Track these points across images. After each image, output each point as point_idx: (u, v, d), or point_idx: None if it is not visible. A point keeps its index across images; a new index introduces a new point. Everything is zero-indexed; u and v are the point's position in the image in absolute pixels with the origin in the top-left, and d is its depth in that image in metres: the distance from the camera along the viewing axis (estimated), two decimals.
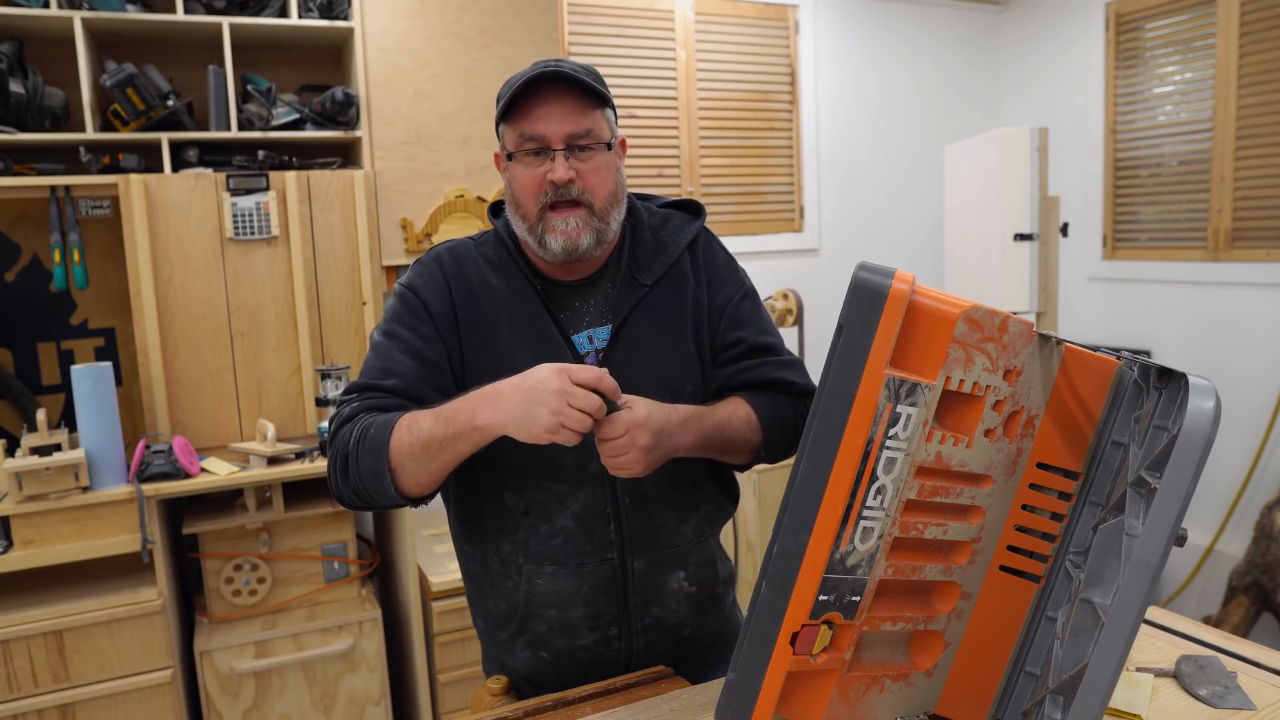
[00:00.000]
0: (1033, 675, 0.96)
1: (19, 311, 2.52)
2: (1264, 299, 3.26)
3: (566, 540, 1.22)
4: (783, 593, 0.86)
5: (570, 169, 1.16)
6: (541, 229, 1.18)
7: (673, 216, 1.33)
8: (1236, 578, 3.14)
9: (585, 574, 1.22)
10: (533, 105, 1.16)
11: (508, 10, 2.72)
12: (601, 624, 1.24)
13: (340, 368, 2.40)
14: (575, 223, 1.17)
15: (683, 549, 1.27)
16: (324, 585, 2.43)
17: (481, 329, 1.22)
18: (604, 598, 1.23)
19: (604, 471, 1.18)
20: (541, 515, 1.22)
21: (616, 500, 1.22)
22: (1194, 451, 0.74)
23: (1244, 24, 3.26)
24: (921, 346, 0.84)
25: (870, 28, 3.93)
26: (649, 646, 1.27)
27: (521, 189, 1.19)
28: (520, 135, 1.17)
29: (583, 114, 1.17)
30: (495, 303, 1.23)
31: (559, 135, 1.16)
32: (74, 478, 2.07)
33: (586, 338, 1.24)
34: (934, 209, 4.03)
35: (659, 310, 1.25)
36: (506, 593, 1.26)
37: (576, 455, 1.20)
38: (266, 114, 2.51)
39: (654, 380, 1.22)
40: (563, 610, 1.23)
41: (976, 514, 0.92)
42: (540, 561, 1.22)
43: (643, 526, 1.23)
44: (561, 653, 1.26)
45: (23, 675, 2.07)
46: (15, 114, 2.26)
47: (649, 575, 1.25)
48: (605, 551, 1.22)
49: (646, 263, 1.27)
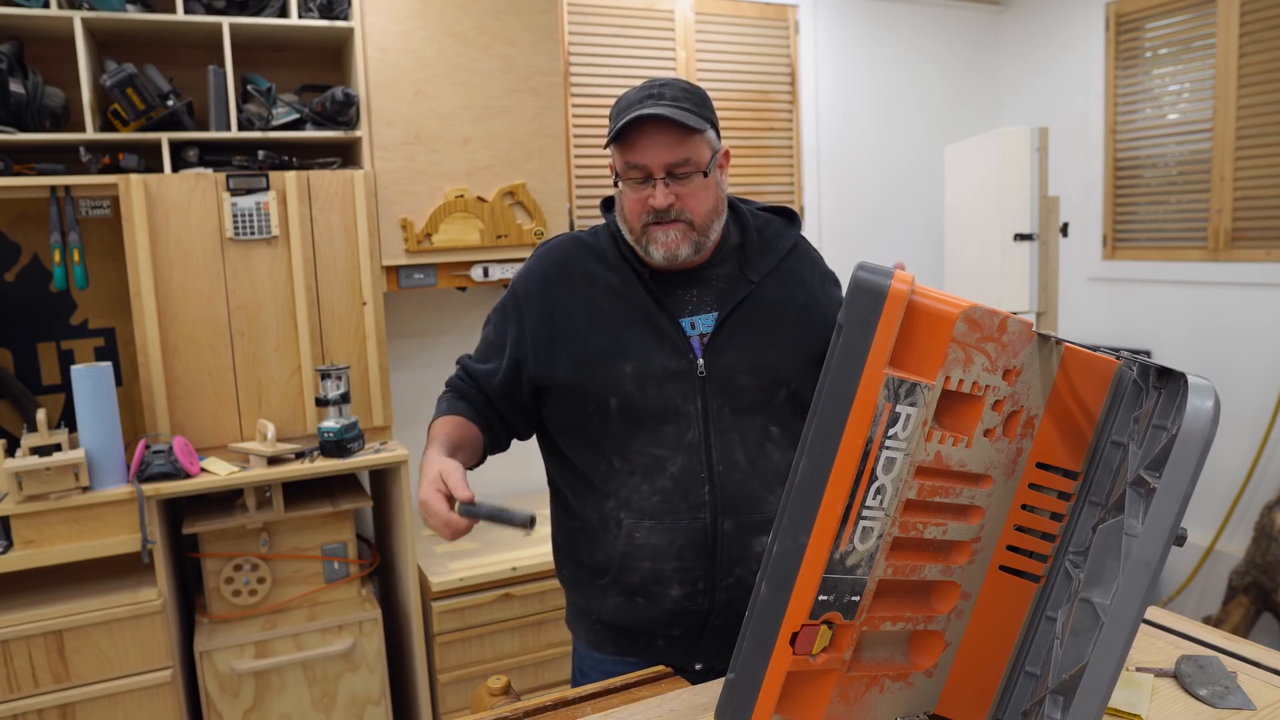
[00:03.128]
0: (1033, 675, 0.96)
1: (19, 311, 2.52)
2: (1264, 299, 3.26)
3: (664, 499, 1.33)
4: (783, 593, 0.86)
5: (670, 195, 1.27)
6: (645, 241, 1.31)
7: (772, 221, 1.46)
8: (1236, 578, 3.14)
9: (680, 530, 1.33)
10: (636, 136, 1.26)
11: (508, 10, 2.72)
12: (690, 578, 1.34)
13: (340, 368, 2.40)
14: (675, 235, 1.30)
15: (768, 515, 1.35)
16: (324, 585, 2.43)
17: (585, 317, 1.35)
18: (695, 554, 1.33)
19: (701, 440, 1.33)
20: (644, 475, 1.33)
21: (711, 466, 1.33)
22: (1193, 451, 0.74)
23: (1244, 24, 3.26)
24: (921, 346, 0.84)
25: (870, 28, 3.93)
26: (729, 605, 1.36)
27: (627, 208, 1.32)
28: (626, 163, 1.28)
29: (680, 145, 1.26)
30: (602, 292, 1.36)
31: (659, 165, 1.26)
32: (74, 478, 2.07)
33: (690, 323, 1.35)
34: (934, 209, 4.03)
35: (763, 305, 1.38)
36: (606, 545, 1.37)
37: (676, 425, 1.33)
38: (266, 114, 2.51)
39: (752, 365, 1.35)
40: (656, 562, 1.34)
41: (976, 514, 0.92)
42: (640, 516, 1.33)
43: (734, 492, 1.33)
44: (653, 599, 1.36)
45: (23, 675, 2.07)
46: (15, 114, 2.26)
47: (736, 536, 1.34)
48: (699, 511, 1.33)
49: (755, 261, 1.40)
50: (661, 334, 1.34)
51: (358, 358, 2.52)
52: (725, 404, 1.34)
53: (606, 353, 1.33)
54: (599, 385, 1.33)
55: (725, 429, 1.34)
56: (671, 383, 1.33)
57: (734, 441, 1.34)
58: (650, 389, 1.33)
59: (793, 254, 1.44)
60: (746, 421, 1.35)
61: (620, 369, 1.32)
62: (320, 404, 2.40)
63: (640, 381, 1.33)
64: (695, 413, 1.33)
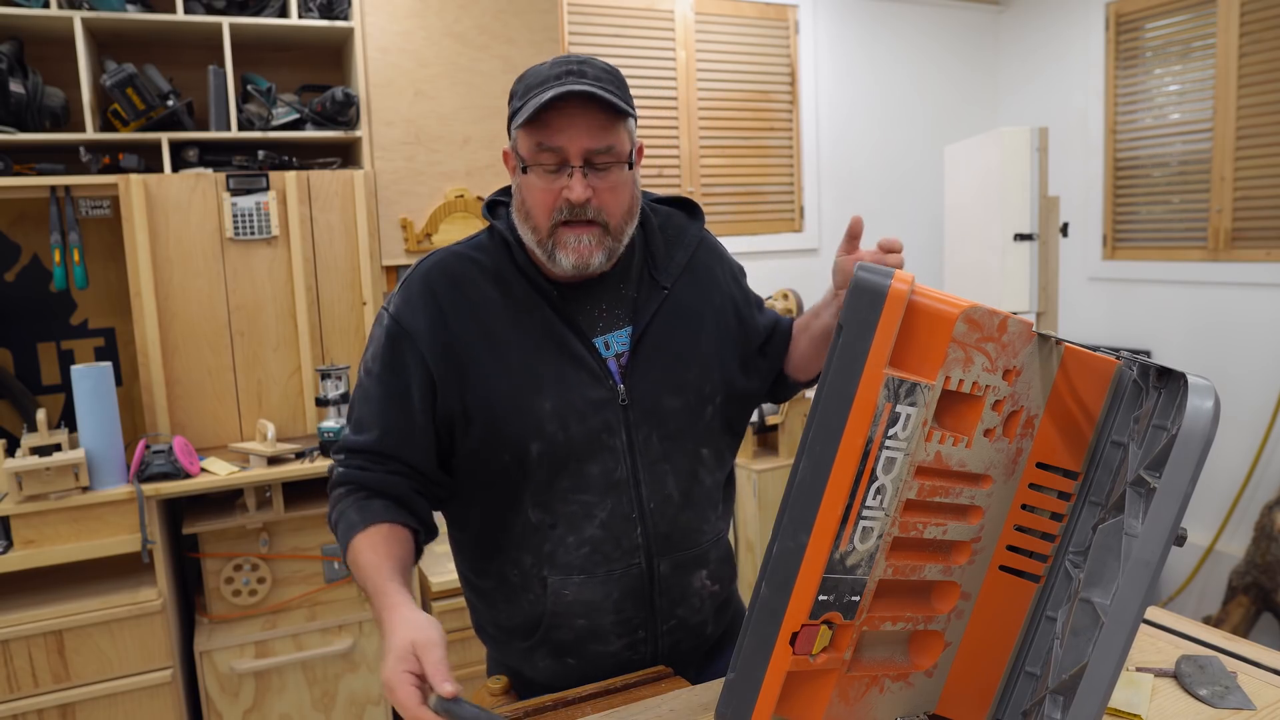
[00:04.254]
0: (1033, 675, 0.96)
1: (19, 311, 2.52)
2: (1264, 299, 3.26)
3: (594, 549, 1.18)
4: (782, 593, 0.86)
5: (588, 188, 1.10)
6: (552, 244, 1.13)
7: (673, 214, 1.31)
8: (1236, 578, 3.14)
9: (614, 580, 1.19)
10: (552, 116, 1.09)
11: (508, 10, 2.72)
12: (629, 629, 1.22)
13: (340, 368, 2.40)
14: (589, 240, 1.12)
15: (704, 548, 1.26)
16: (324, 585, 2.43)
17: (487, 349, 1.15)
18: (632, 603, 1.21)
19: (630, 477, 1.18)
20: (569, 527, 1.18)
21: (642, 505, 1.19)
22: (1193, 451, 0.74)
23: (1244, 24, 3.26)
24: (921, 346, 0.84)
25: (870, 28, 3.93)
26: (674, 648, 1.26)
27: (535, 202, 1.12)
28: (537, 145, 1.10)
29: (604, 129, 1.10)
30: (500, 318, 1.16)
31: (578, 151, 1.09)
32: (74, 478, 2.07)
33: (603, 343, 1.19)
34: (934, 209, 4.03)
35: (678, 311, 1.24)
36: (527, 606, 1.21)
37: (603, 465, 1.17)
38: (266, 114, 2.51)
39: (676, 383, 1.21)
40: (592, 619, 1.20)
41: (976, 514, 0.92)
42: (568, 572, 1.19)
43: (668, 530, 1.21)
44: (588, 658, 1.23)
45: (23, 675, 2.07)
46: (15, 114, 2.26)
47: (674, 577, 1.23)
48: (633, 556, 1.20)
49: (663, 263, 1.25)
50: (576, 360, 1.16)
51: (358, 358, 2.52)
52: (652, 432, 1.19)
53: (520, 390, 1.13)
54: (515, 430, 1.13)
55: (654, 460, 1.19)
56: (595, 416, 1.16)
57: (665, 473, 1.20)
58: (573, 427, 1.15)
59: (700, 249, 1.29)
60: (676, 448, 1.20)
61: (539, 407, 1.14)
62: (320, 404, 2.40)
63: (562, 419, 1.15)
64: (621, 447, 1.17)
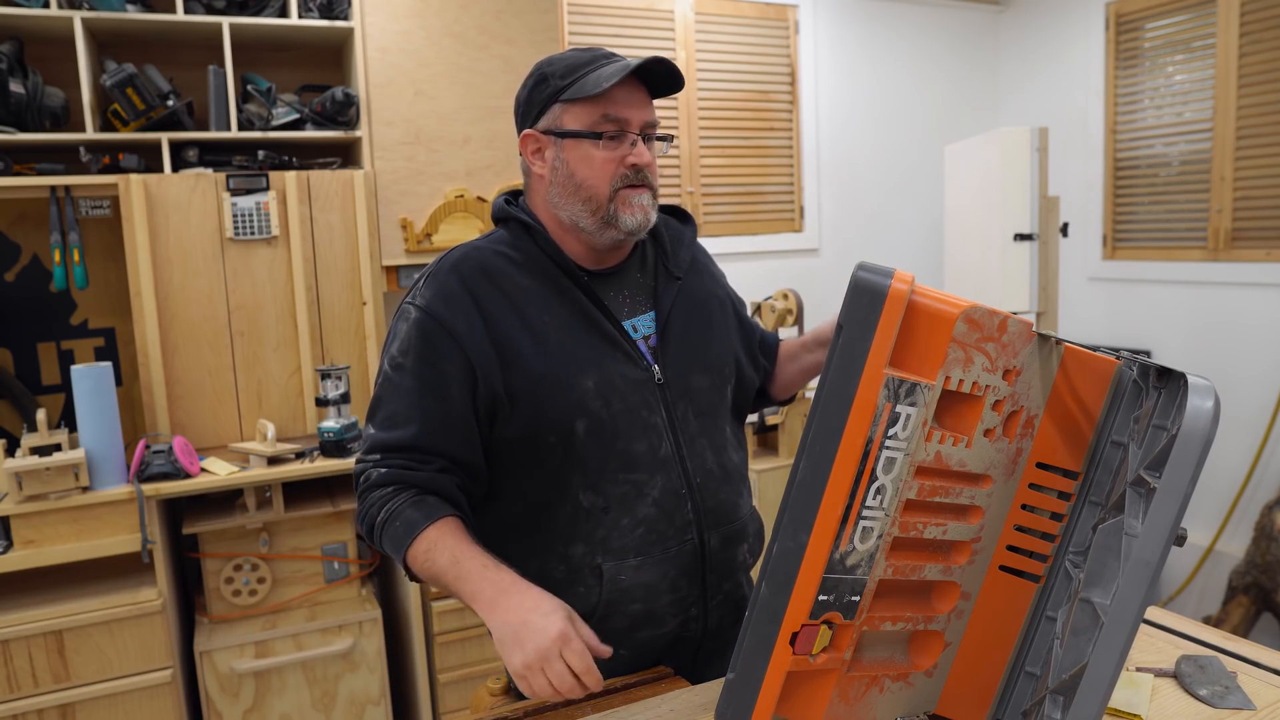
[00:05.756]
0: (1033, 675, 0.96)
1: (19, 311, 2.52)
2: (1264, 299, 3.26)
3: (649, 529, 1.21)
4: (783, 593, 0.86)
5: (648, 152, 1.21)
6: (614, 207, 1.19)
7: (667, 219, 1.40)
8: (1236, 578, 3.14)
9: (670, 559, 1.22)
10: (615, 90, 1.18)
11: (508, 10, 2.72)
12: (684, 607, 1.24)
13: (340, 368, 2.40)
14: (647, 201, 1.21)
15: (744, 521, 1.30)
16: (324, 585, 2.43)
17: (525, 333, 1.17)
18: (687, 580, 1.24)
19: (674, 453, 1.23)
20: (622, 508, 1.20)
21: (689, 479, 1.23)
22: (1193, 451, 0.74)
23: (1244, 24, 3.26)
24: (921, 346, 0.84)
25: (870, 28, 3.93)
26: (719, 623, 1.29)
27: (594, 171, 1.19)
28: (602, 116, 1.18)
29: (651, 106, 1.23)
30: (534, 304, 1.20)
31: (639, 121, 1.20)
32: (74, 478, 2.07)
33: (631, 326, 1.25)
34: (934, 209, 4.03)
35: (692, 299, 1.32)
36: (577, 598, 1.19)
37: (648, 442, 1.21)
38: (266, 114, 2.51)
39: (702, 364, 1.28)
40: (649, 602, 1.21)
41: (976, 514, 0.92)
42: (624, 556, 1.20)
43: (714, 503, 1.26)
44: (641, 646, 1.24)
45: (23, 675, 2.07)
46: (15, 114, 2.26)
47: (722, 551, 1.26)
48: (686, 532, 1.23)
49: (673, 255, 1.33)
50: (611, 341, 1.21)
51: (358, 358, 2.52)
52: (688, 409, 1.25)
53: (562, 370, 1.17)
54: (560, 409, 1.16)
55: (692, 437, 1.25)
56: (634, 394, 1.20)
57: (704, 449, 1.25)
58: (616, 404, 1.19)
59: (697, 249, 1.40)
60: (709, 425, 1.27)
61: (581, 385, 1.17)
62: (320, 404, 2.40)
63: (605, 397, 1.18)
64: (662, 424, 1.22)
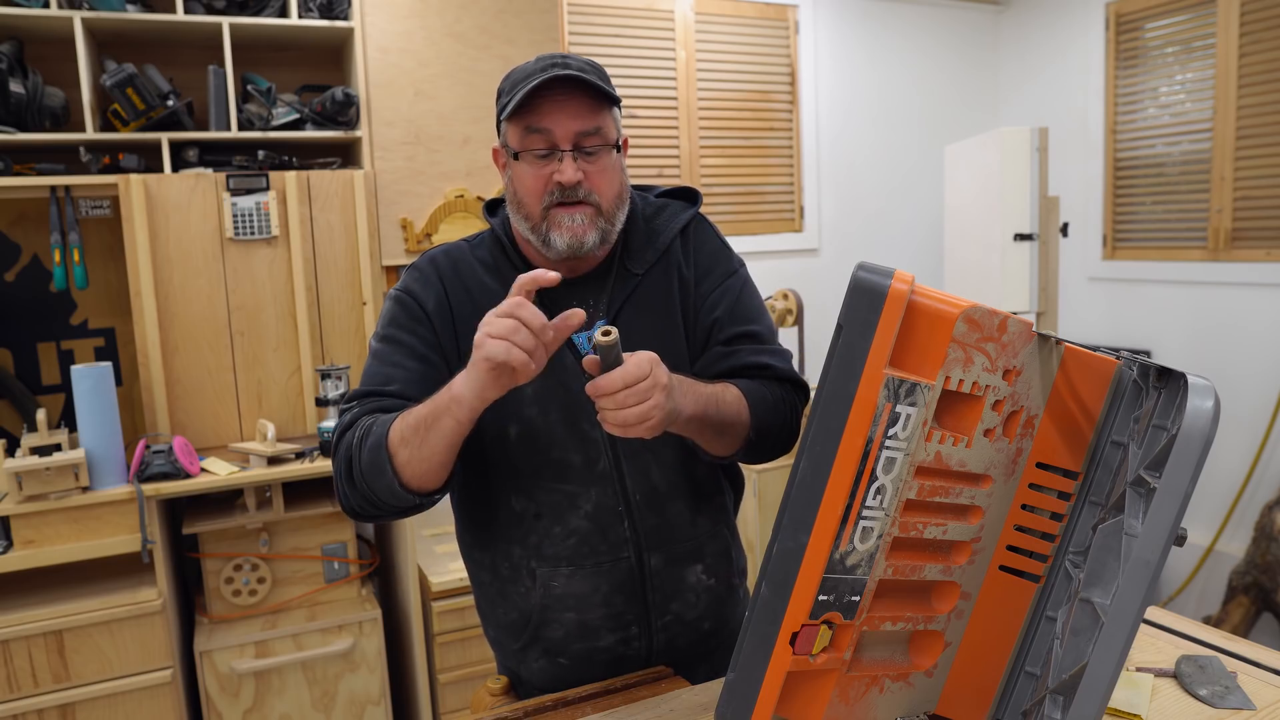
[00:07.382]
0: (1033, 675, 0.96)
1: (19, 311, 2.52)
2: (1264, 299, 3.26)
3: (581, 540, 1.20)
4: (783, 593, 0.86)
5: (578, 171, 1.13)
6: (546, 226, 1.15)
7: (669, 205, 1.31)
8: (1236, 578, 3.14)
9: (603, 573, 1.21)
10: (540, 102, 1.12)
11: (508, 10, 2.72)
12: (622, 624, 1.23)
13: (340, 368, 2.40)
14: (581, 220, 1.14)
15: (698, 541, 1.26)
16: (324, 585, 2.43)
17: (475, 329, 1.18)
18: (623, 597, 1.22)
19: (613, 469, 1.19)
20: (554, 517, 1.20)
21: (628, 497, 1.20)
22: (1193, 451, 0.74)
23: (1244, 24, 3.26)
24: (921, 346, 0.84)
25: (870, 28, 3.93)
26: (669, 644, 1.26)
27: (526, 189, 1.15)
28: (525, 129, 1.13)
29: (591, 113, 1.14)
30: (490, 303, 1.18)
31: (567, 135, 1.13)
32: (74, 478, 2.07)
33: (585, 337, 1.20)
34: (934, 209, 4.03)
35: (649, 299, 1.24)
36: (518, 599, 1.23)
37: (584, 455, 1.19)
38: (266, 114, 2.51)
39: None
40: (581, 612, 1.21)
41: (976, 514, 0.92)
42: (555, 563, 1.21)
43: (656, 522, 1.22)
44: (580, 657, 1.24)
45: (23, 675, 2.07)
46: (15, 114, 2.26)
47: (666, 571, 1.23)
48: (621, 550, 1.21)
49: (639, 252, 1.25)
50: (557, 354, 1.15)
51: (358, 358, 2.52)
52: None
53: None
54: (494, 410, 1.10)
55: (636, 452, 1.20)
56: (576, 406, 1.18)
57: (648, 464, 1.21)
58: (554, 413, 1.18)
59: (682, 236, 1.28)
60: (658, 441, 1.16)
61: (519, 391, 1.11)
62: (320, 404, 2.40)
63: (543, 405, 1.18)
64: (601, 438, 1.19)
